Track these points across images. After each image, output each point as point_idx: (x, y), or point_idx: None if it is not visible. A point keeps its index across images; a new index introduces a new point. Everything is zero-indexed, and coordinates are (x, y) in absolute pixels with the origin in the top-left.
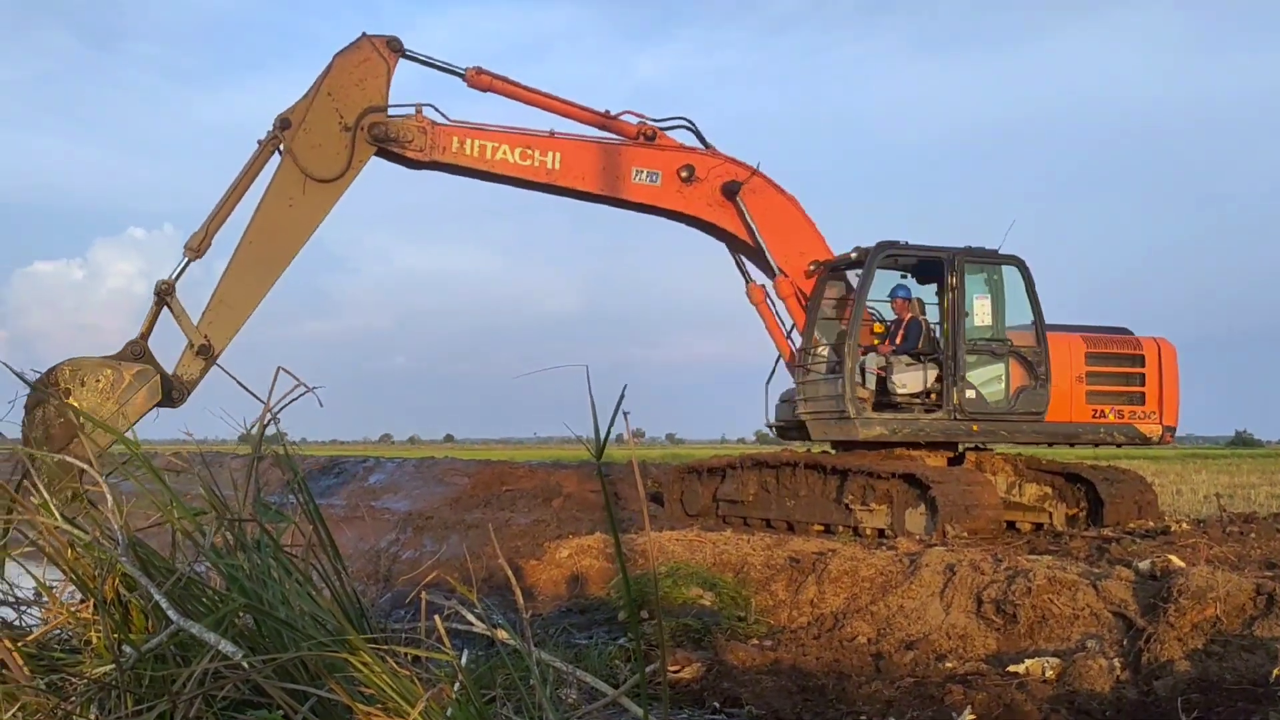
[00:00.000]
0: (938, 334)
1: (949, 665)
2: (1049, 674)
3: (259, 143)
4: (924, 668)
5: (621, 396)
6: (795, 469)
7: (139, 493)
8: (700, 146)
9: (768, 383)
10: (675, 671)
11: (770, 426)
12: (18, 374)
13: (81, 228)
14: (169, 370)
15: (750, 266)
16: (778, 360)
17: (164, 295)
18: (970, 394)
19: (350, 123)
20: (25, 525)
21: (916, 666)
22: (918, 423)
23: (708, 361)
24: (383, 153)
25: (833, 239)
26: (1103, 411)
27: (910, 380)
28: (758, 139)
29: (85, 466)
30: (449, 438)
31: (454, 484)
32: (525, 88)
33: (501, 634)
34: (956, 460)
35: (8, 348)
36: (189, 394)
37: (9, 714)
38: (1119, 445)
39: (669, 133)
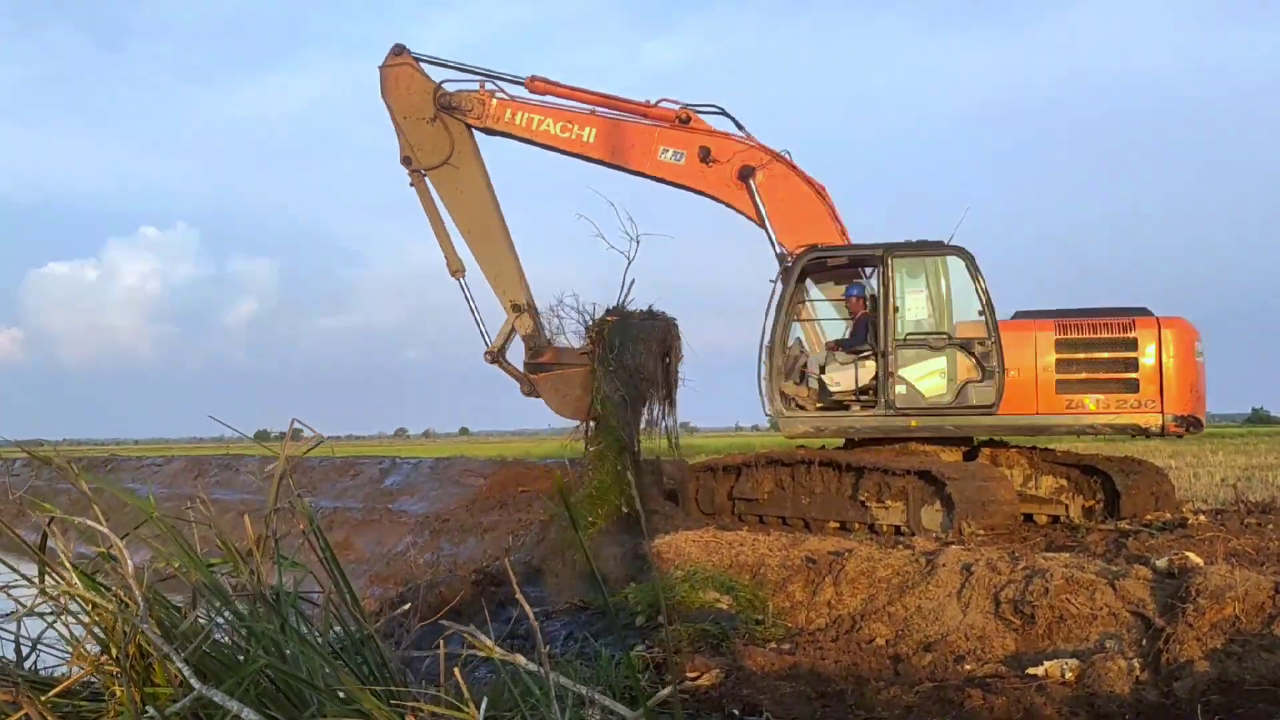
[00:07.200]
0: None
1: (968, 667)
2: (1068, 675)
3: (410, 185)
4: (943, 670)
5: None
6: (810, 466)
7: (163, 538)
8: (736, 132)
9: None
10: (694, 678)
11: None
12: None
13: (94, 228)
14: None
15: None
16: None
17: (497, 357)
18: (902, 389)
19: (431, 115)
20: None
21: (935, 669)
22: (843, 420)
23: (720, 350)
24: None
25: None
26: (1079, 402)
27: (843, 378)
28: (775, 125)
29: (104, 530)
30: (464, 430)
31: (470, 485)
32: (576, 89)
33: (519, 659)
34: (971, 454)
35: (24, 348)
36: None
37: None
38: (1104, 436)
39: (706, 118)
